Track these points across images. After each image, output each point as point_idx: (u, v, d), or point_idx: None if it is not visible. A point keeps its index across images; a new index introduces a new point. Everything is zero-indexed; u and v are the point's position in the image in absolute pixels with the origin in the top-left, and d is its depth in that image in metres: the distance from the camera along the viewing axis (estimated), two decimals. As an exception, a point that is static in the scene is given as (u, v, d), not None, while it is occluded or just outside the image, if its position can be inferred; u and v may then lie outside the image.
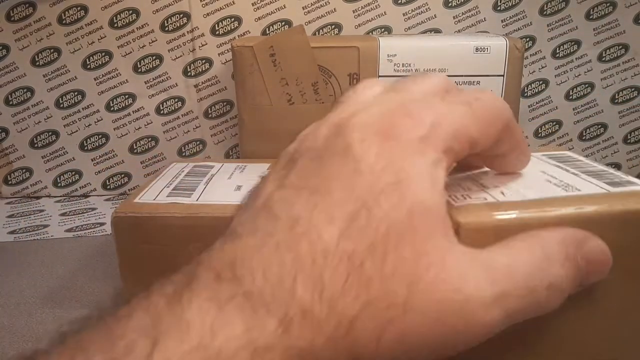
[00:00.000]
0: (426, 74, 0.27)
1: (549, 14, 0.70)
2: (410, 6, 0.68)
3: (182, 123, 0.71)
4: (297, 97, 0.55)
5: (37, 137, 0.71)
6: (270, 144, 0.57)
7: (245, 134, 0.59)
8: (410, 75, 0.27)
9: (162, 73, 0.69)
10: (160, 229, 0.44)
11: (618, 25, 0.70)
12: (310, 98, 0.55)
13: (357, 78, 0.55)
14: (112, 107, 0.70)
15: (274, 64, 0.54)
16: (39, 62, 0.68)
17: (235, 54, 0.56)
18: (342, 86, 0.55)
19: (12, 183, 0.72)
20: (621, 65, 0.72)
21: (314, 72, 0.55)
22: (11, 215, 0.67)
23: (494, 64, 0.55)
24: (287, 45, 0.55)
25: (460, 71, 0.56)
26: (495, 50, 0.55)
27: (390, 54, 0.55)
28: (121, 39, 0.68)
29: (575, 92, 0.73)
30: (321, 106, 0.56)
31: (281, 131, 0.57)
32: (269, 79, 0.55)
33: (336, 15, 0.68)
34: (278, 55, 0.55)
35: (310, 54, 0.55)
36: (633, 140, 0.75)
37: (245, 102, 0.57)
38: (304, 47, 0.54)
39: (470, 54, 0.55)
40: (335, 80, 0.55)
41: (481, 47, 0.55)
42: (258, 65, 0.55)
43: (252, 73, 0.56)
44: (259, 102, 0.56)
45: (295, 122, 0.56)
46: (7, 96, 0.69)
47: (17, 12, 0.66)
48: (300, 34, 0.56)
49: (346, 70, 0.56)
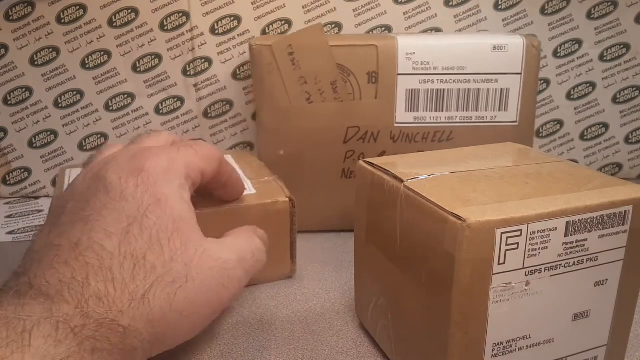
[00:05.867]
0: (156, 132, 0.39)
1: (550, 13, 0.69)
2: (410, 5, 0.68)
3: (182, 123, 0.71)
4: (315, 95, 0.55)
5: (36, 137, 0.70)
6: (288, 143, 0.57)
7: (264, 133, 0.58)
8: (143, 134, 0.38)
9: (161, 72, 0.69)
10: None
11: (619, 24, 0.70)
12: (329, 97, 0.55)
13: (376, 76, 0.55)
14: (111, 107, 0.70)
15: (292, 63, 0.54)
16: (37, 62, 0.68)
17: (254, 52, 0.56)
18: (360, 85, 0.55)
19: (10, 183, 0.72)
20: (622, 64, 0.71)
21: (332, 71, 0.55)
22: (10, 215, 0.67)
23: (512, 62, 0.56)
24: (305, 44, 0.55)
25: (478, 69, 0.56)
26: (513, 49, 0.56)
27: (408, 53, 0.55)
28: (120, 38, 0.67)
29: (576, 92, 0.72)
30: (340, 105, 0.56)
31: (300, 130, 0.57)
32: (288, 78, 0.55)
33: (336, 14, 0.68)
34: (297, 53, 0.55)
35: (329, 53, 0.55)
36: (634, 140, 0.75)
37: (263, 101, 0.57)
38: (323, 45, 0.54)
39: (488, 52, 0.56)
40: (354, 78, 0.55)
41: (499, 45, 0.55)
42: (277, 64, 0.55)
43: (270, 72, 0.55)
44: (278, 101, 0.56)
45: (314, 120, 0.56)
46: (5, 96, 0.69)
47: (15, 11, 0.66)
48: (319, 32, 0.55)
49: (365, 68, 0.55)
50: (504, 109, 0.57)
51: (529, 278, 0.29)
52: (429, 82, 0.56)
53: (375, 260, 0.37)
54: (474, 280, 0.28)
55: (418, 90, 0.56)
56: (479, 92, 0.56)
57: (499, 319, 0.29)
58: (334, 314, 0.45)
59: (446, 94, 0.56)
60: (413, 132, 0.57)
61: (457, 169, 0.35)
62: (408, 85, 0.56)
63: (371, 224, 0.38)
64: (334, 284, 0.50)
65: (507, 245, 0.28)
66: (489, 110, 0.57)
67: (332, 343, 0.41)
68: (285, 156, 0.58)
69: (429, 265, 0.30)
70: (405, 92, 0.56)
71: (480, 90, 0.56)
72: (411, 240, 0.32)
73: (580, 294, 0.31)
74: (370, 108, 0.56)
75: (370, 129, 0.57)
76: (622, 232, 0.30)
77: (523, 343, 0.30)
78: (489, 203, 0.29)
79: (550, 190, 0.31)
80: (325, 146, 0.57)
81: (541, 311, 0.30)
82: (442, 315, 0.29)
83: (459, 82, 0.56)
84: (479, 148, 0.41)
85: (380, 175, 0.35)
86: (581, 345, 0.32)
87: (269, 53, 0.55)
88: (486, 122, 0.57)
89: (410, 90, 0.56)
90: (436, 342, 0.30)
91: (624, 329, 0.34)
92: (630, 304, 0.33)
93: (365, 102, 0.56)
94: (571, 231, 0.29)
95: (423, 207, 0.30)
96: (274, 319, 0.44)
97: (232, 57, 0.69)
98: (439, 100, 0.56)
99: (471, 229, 0.27)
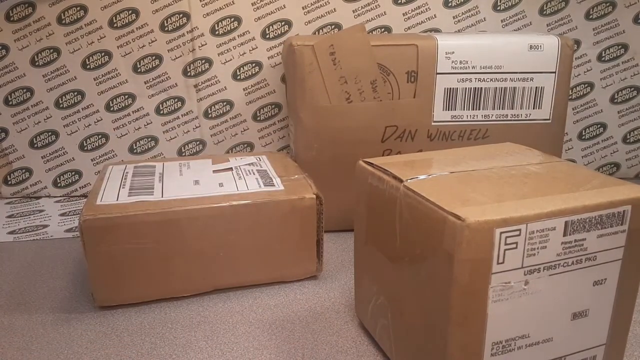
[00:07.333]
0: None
1: (549, 13, 0.70)
2: (410, 6, 0.68)
3: (182, 123, 0.71)
4: (355, 95, 0.55)
5: (37, 137, 0.71)
6: (327, 142, 0.58)
7: (302, 133, 0.58)
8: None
9: (161, 73, 0.69)
10: (133, 228, 0.44)
11: (617, 25, 0.70)
12: (369, 96, 0.55)
13: (415, 75, 0.56)
14: (111, 107, 0.70)
15: (333, 63, 0.54)
16: (38, 62, 0.68)
17: (295, 53, 0.56)
18: (399, 84, 0.56)
19: (11, 183, 0.72)
20: (621, 65, 0.72)
21: (373, 70, 0.55)
22: (11, 215, 0.67)
23: (547, 61, 0.57)
24: (347, 44, 0.55)
25: (515, 68, 0.57)
26: (548, 48, 0.57)
27: (448, 52, 0.56)
28: (121, 39, 0.68)
29: (574, 92, 0.73)
30: (379, 104, 0.56)
31: (338, 129, 0.57)
32: (328, 78, 0.55)
33: (336, 15, 0.68)
34: (338, 53, 0.55)
35: (370, 52, 0.55)
36: (632, 139, 0.75)
37: (303, 101, 0.57)
38: (364, 45, 0.55)
39: (525, 52, 0.57)
40: (393, 77, 0.55)
41: (535, 45, 0.57)
42: (318, 64, 0.55)
43: (311, 72, 0.56)
44: (317, 101, 0.56)
45: (353, 120, 0.57)
46: (6, 96, 0.69)
47: (16, 12, 0.66)
48: (360, 32, 0.56)
49: (404, 68, 0.56)
50: (539, 106, 0.58)
51: (528, 277, 0.29)
52: (467, 81, 0.57)
53: (375, 259, 0.37)
54: (473, 280, 0.28)
55: (456, 89, 0.57)
56: (514, 91, 0.58)
57: (498, 318, 0.29)
58: (334, 314, 0.45)
59: (483, 93, 0.57)
60: (450, 130, 0.58)
61: (456, 169, 0.35)
62: (446, 84, 0.57)
63: (371, 224, 0.38)
64: (334, 284, 0.50)
65: (506, 245, 0.28)
66: (524, 108, 0.58)
67: (332, 342, 0.41)
68: (323, 156, 0.58)
69: (429, 265, 0.30)
70: (444, 91, 0.57)
71: (516, 88, 0.58)
72: (411, 240, 0.32)
73: (579, 293, 0.31)
74: (409, 107, 0.57)
75: (408, 127, 0.57)
76: (620, 231, 0.31)
77: (522, 342, 0.30)
78: (488, 203, 0.29)
79: (549, 190, 0.31)
80: (363, 145, 0.58)
81: (540, 310, 0.30)
82: (442, 314, 0.29)
83: (495, 81, 0.57)
84: (479, 148, 0.41)
85: (379, 175, 0.35)
86: (580, 345, 0.32)
87: (311, 53, 0.55)
88: (521, 119, 0.58)
89: (449, 89, 0.57)
90: (435, 341, 0.30)
91: (623, 328, 0.34)
92: (628, 303, 0.33)
93: (404, 101, 0.57)
94: (570, 231, 0.29)
95: (422, 207, 0.30)
96: (274, 318, 0.44)
97: (232, 57, 0.69)
98: (476, 99, 0.57)
99: (470, 229, 0.27)
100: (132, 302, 0.47)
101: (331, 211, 0.54)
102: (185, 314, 0.45)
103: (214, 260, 0.46)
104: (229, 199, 0.46)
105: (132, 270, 0.45)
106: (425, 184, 0.32)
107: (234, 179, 0.50)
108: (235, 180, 0.50)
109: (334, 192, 0.51)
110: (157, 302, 0.47)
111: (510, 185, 0.32)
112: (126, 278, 0.45)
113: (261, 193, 0.47)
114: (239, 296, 0.48)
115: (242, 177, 0.51)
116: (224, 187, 0.49)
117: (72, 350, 0.41)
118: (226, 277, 0.48)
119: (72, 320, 0.45)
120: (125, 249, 0.44)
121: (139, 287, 0.46)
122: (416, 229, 0.31)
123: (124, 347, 0.41)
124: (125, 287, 0.45)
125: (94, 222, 0.43)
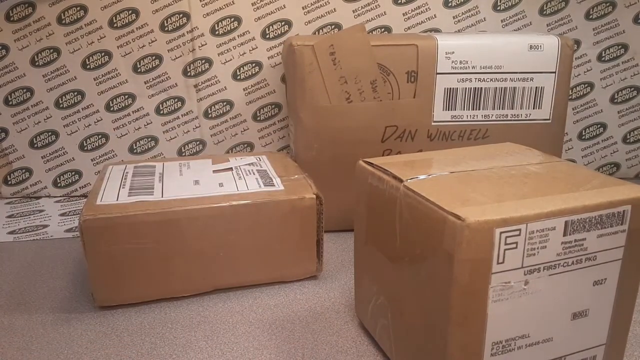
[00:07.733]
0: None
1: (549, 13, 0.70)
2: (410, 6, 0.68)
3: (182, 123, 0.71)
4: (355, 95, 0.55)
5: (37, 137, 0.71)
6: (327, 142, 0.58)
7: (302, 133, 0.59)
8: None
9: (161, 73, 0.69)
10: (133, 228, 0.44)
11: (617, 25, 0.70)
12: (369, 96, 0.55)
13: (415, 75, 0.56)
14: (111, 107, 0.70)
15: (333, 63, 0.54)
16: (38, 62, 0.68)
17: (295, 53, 0.56)
18: (399, 84, 0.56)
19: (11, 183, 0.72)
20: (620, 65, 0.72)
21: (373, 70, 0.55)
22: (11, 215, 0.67)
23: (547, 61, 0.57)
24: (347, 44, 0.55)
25: (515, 68, 0.57)
26: (548, 48, 0.57)
27: (448, 52, 0.56)
28: (121, 39, 0.68)
29: (574, 92, 0.73)
30: (379, 104, 0.56)
31: (338, 129, 0.57)
32: (328, 78, 0.55)
33: (336, 15, 0.68)
34: (338, 53, 0.55)
35: (370, 52, 0.55)
36: (632, 139, 0.75)
37: (303, 101, 0.57)
38: (364, 45, 0.55)
39: (525, 52, 0.57)
40: (393, 77, 0.55)
41: (535, 45, 0.57)
42: (318, 64, 0.55)
43: (311, 72, 0.56)
44: (317, 101, 0.56)
45: (353, 120, 0.57)
46: (6, 96, 0.69)
47: (16, 12, 0.66)
48: (360, 32, 0.56)
49: (404, 68, 0.56)
50: (539, 106, 0.58)
51: (528, 277, 0.29)
52: (467, 81, 0.57)
53: (375, 259, 0.37)
54: (473, 280, 0.28)
55: (456, 89, 0.57)
56: (514, 91, 0.58)
57: (498, 318, 0.29)
58: (334, 314, 0.45)
59: (483, 93, 0.57)
60: (450, 130, 0.58)
61: (456, 169, 0.35)
62: (446, 84, 0.57)
63: (371, 224, 0.38)
64: (334, 284, 0.50)
65: (506, 245, 0.28)
66: (524, 108, 0.58)
67: (332, 342, 0.41)
68: (323, 156, 0.58)
69: (429, 265, 0.30)
70: (444, 91, 0.57)
71: (516, 88, 0.58)
72: (411, 239, 0.32)
73: (579, 293, 0.31)
74: (409, 107, 0.57)
75: (408, 127, 0.57)
76: (620, 231, 0.31)
77: (522, 342, 0.30)
78: (488, 203, 0.29)
79: (548, 190, 0.31)
80: (363, 145, 0.58)
81: (540, 310, 0.30)
82: (442, 314, 0.29)
83: (495, 81, 0.57)
84: (479, 148, 0.41)
85: (379, 175, 0.35)
86: (580, 344, 0.32)
87: (311, 53, 0.55)
88: (521, 119, 0.58)
89: (449, 89, 0.57)
90: (435, 341, 0.30)
91: (623, 328, 0.34)
92: (628, 303, 0.33)
93: (404, 101, 0.57)
94: (570, 231, 0.29)
95: (422, 207, 0.30)
96: (274, 318, 0.44)
97: (232, 57, 0.69)
98: (476, 99, 0.57)
99: (470, 229, 0.27)
100: (132, 302, 0.47)
101: (331, 211, 0.54)
102: (185, 314, 0.45)
103: (214, 260, 0.46)
104: (229, 199, 0.46)
105: (132, 270, 0.45)
106: (425, 184, 0.32)
107: (234, 179, 0.50)
108: (235, 180, 0.50)
109: (334, 192, 0.51)
110: (157, 302, 0.47)
111: (510, 185, 0.32)
112: (126, 278, 0.45)
113: (261, 193, 0.47)
114: (239, 296, 0.48)
115: (242, 177, 0.51)
116: (224, 187, 0.49)
117: (72, 350, 0.41)
118: (226, 277, 0.48)
119: (72, 320, 0.45)
120: (125, 249, 0.44)
121: (139, 287, 0.46)
122: (416, 229, 0.31)
123: (124, 347, 0.41)
124: (125, 287, 0.45)
125: (94, 222, 0.43)
